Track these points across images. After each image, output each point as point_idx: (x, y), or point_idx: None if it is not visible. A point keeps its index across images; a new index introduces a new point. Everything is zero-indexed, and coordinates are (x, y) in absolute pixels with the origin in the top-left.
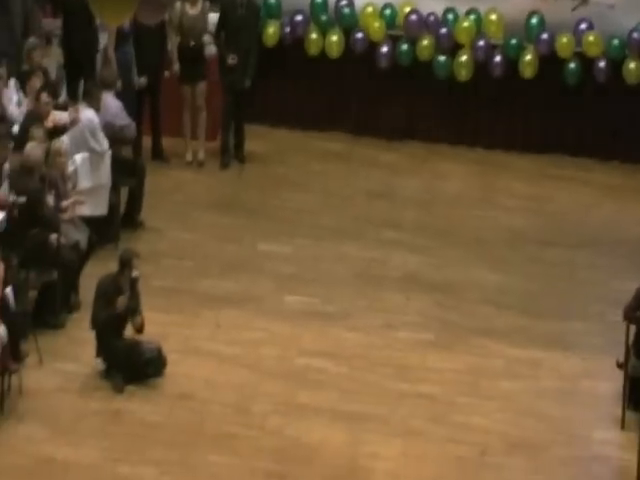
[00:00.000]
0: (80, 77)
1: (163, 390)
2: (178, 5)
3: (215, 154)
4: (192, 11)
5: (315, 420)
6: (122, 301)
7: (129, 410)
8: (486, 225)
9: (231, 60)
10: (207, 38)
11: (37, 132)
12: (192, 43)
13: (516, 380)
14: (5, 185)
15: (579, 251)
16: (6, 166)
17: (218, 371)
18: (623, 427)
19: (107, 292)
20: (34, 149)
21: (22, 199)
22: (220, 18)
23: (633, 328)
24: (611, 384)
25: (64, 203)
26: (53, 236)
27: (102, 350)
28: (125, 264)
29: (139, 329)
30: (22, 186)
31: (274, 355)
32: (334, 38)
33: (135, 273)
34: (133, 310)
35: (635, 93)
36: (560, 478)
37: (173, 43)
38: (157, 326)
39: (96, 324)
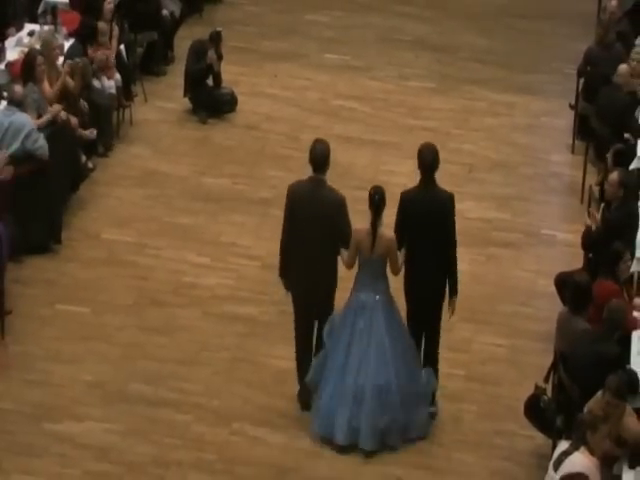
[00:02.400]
0: None
1: (235, 122)
2: None
3: None
4: None
5: (347, 146)
6: (211, 56)
7: (211, 136)
8: (476, 2)
9: None
10: None
11: None
12: None
13: (496, 117)
14: None
15: (544, 21)
16: None
17: (275, 109)
18: (573, 152)
19: (197, 51)
20: None
21: None
22: None
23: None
24: (566, 120)
25: None
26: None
27: (190, 93)
28: (211, 42)
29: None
30: None
31: (316, 98)
32: None
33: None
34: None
35: None
36: (526, 189)
37: None
38: (231, 75)
39: (188, 70)
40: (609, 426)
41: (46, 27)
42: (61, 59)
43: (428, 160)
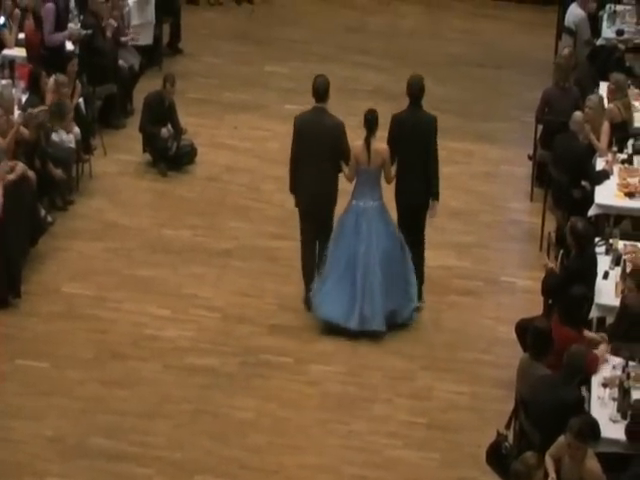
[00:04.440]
0: None
1: (195, 174)
2: None
3: None
4: None
5: None
6: (165, 132)
7: (171, 188)
8: (433, 51)
9: None
10: None
11: None
12: None
13: (454, 165)
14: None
15: (501, 70)
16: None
17: (236, 160)
18: (532, 199)
19: (152, 102)
20: None
21: (86, 32)
22: None
23: (540, 127)
24: (524, 168)
25: (123, 39)
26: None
27: (148, 146)
28: (166, 80)
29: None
30: (85, 24)
31: (277, 148)
32: None
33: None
34: (176, 133)
35: None
36: (485, 236)
37: None
38: (191, 127)
39: (143, 128)
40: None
41: (4, 81)
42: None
43: (415, 88)
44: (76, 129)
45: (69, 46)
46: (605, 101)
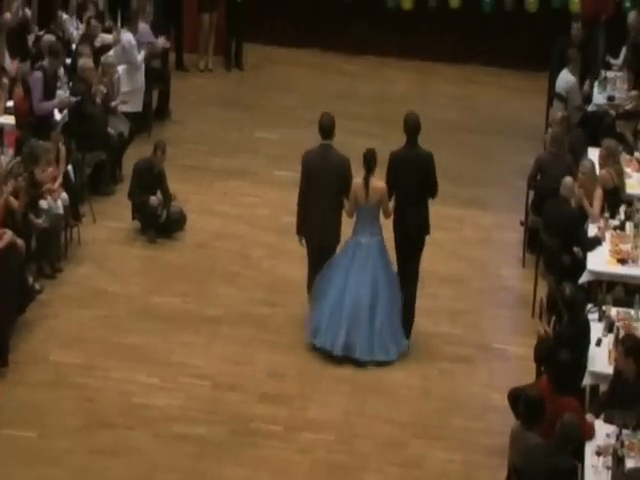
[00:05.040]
0: (119, 8)
1: (185, 241)
2: None
3: (221, 64)
4: None
5: (298, 262)
6: (154, 200)
7: (160, 255)
8: (424, 117)
9: None
10: None
11: (84, 49)
12: None
13: (445, 231)
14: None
15: (492, 136)
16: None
17: (225, 227)
18: (524, 265)
19: (141, 170)
20: (86, 62)
21: (75, 99)
22: None
23: (532, 192)
24: (515, 234)
25: (112, 104)
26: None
27: (137, 213)
28: (157, 148)
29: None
30: (75, 90)
31: (267, 215)
32: None
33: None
34: (165, 201)
35: (534, 18)
36: (476, 303)
37: None
38: (180, 193)
39: (132, 195)
40: None
41: None
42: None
43: (412, 125)
44: (64, 196)
45: (57, 115)
46: (597, 167)
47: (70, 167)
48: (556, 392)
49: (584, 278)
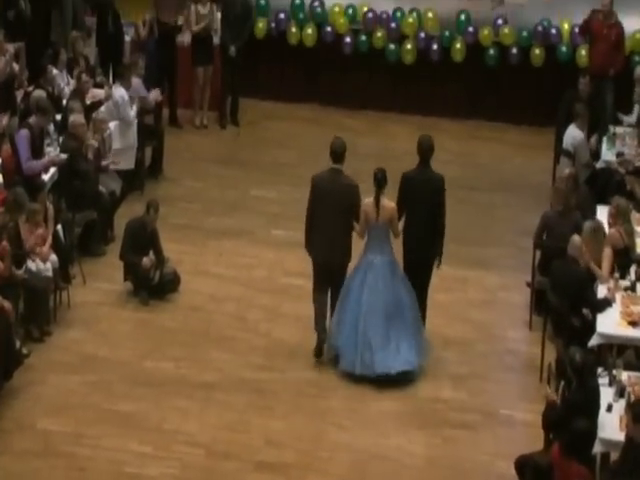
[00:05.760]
0: (111, 62)
1: (178, 303)
2: (192, 7)
3: (216, 120)
4: (203, 10)
5: (296, 325)
6: (146, 262)
7: (152, 318)
8: None
9: (231, 53)
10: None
11: (75, 105)
12: (204, 35)
13: (449, 293)
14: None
15: (497, 194)
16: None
17: (220, 288)
18: (530, 328)
19: (134, 230)
20: (77, 118)
21: (64, 156)
22: (222, 15)
23: (538, 252)
24: (522, 296)
25: (104, 162)
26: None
27: (129, 275)
28: (150, 207)
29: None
30: (65, 147)
31: (263, 276)
32: (309, 31)
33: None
34: (158, 261)
35: (540, 73)
36: (481, 368)
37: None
38: (174, 254)
39: (123, 256)
40: None
41: None
42: None
43: (424, 147)
44: (53, 257)
45: (46, 175)
46: (606, 226)
47: (59, 227)
48: (567, 460)
49: (594, 341)
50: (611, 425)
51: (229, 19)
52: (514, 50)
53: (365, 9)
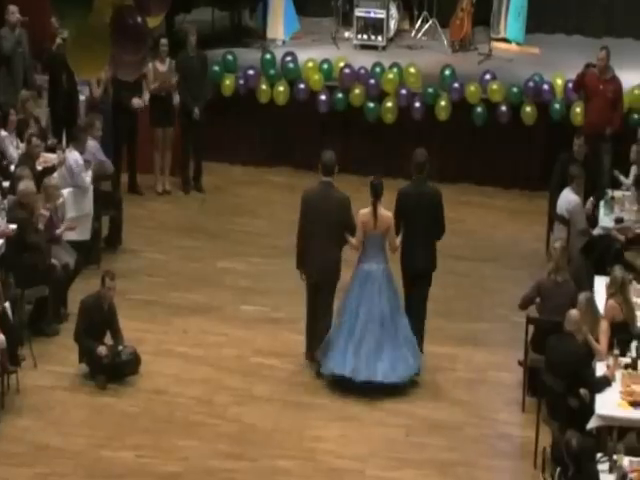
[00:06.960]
0: (64, 124)
1: (139, 386)
2: (150, 64)
3: (180, 186)
4: (162, 67)
5: (268, 409)
6: (102, 350)
7: (110, 403)
8: None
9: (195, 116)
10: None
11: (24, 172)
12: (163, 94)
13: (435, 372)
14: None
15: (486, 264)
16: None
17: (185, 369)
18: (524, 410)
19: (89, 307)
20: (27, 186)
21: (13, 227)
22: (179, 74)
23: (532, 327)
24: (514, 375)
25: (57, 231)
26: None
27: (85, 357)
28: (105, 277)
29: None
30: (14, 217)
31: (233, 355)
32: (281, 88)
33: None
34: (116, 342)
35: (531, 132)
36: (472, 454)
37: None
38: (134, 332)
39: (78, 338)
40: None
41: None
42: None
43: (419, 161)
44: (1, 337)
45: None
46: (604, 298)
47: (7, 304)
48: None
49: (592, 424)
50: None
51: (186, 77)
52: (503, 108)
53: (342, 64)
